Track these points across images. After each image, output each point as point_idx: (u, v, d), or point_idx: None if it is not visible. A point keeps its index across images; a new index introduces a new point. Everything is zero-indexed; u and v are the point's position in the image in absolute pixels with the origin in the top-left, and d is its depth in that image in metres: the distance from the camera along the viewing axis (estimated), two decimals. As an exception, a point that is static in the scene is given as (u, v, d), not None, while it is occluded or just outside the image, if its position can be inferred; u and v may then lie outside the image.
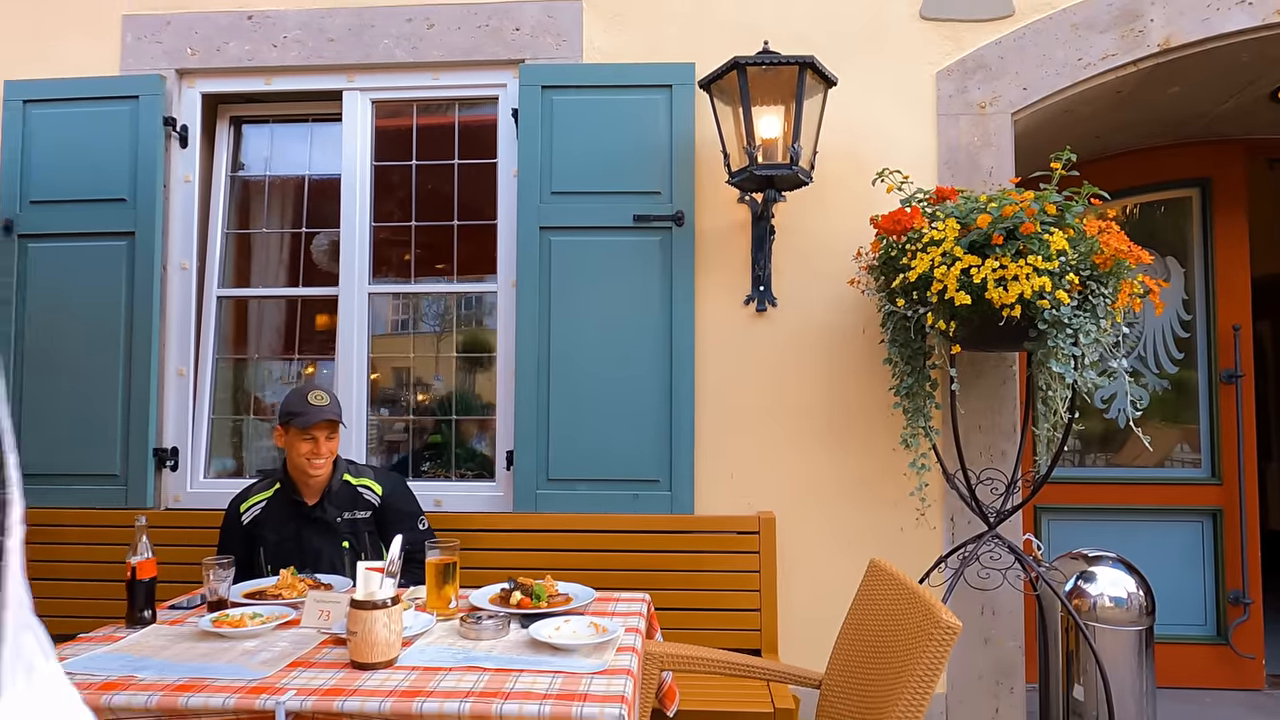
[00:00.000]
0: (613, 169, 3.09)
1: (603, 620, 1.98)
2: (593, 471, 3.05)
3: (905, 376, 2.75)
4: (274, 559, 2.52)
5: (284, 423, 2.48)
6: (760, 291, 3.08)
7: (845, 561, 3.03)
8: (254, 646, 1.83)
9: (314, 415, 2.43)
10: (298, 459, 2.47)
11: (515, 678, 1.64)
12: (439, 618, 2.03)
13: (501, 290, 3.22)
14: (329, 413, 2.44)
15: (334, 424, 2.47)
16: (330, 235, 3.53)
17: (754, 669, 2.15)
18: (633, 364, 3.05)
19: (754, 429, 3.08)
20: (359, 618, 1.68)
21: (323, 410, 2.44)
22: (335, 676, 1.65)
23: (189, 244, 3.30)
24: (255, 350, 3.59)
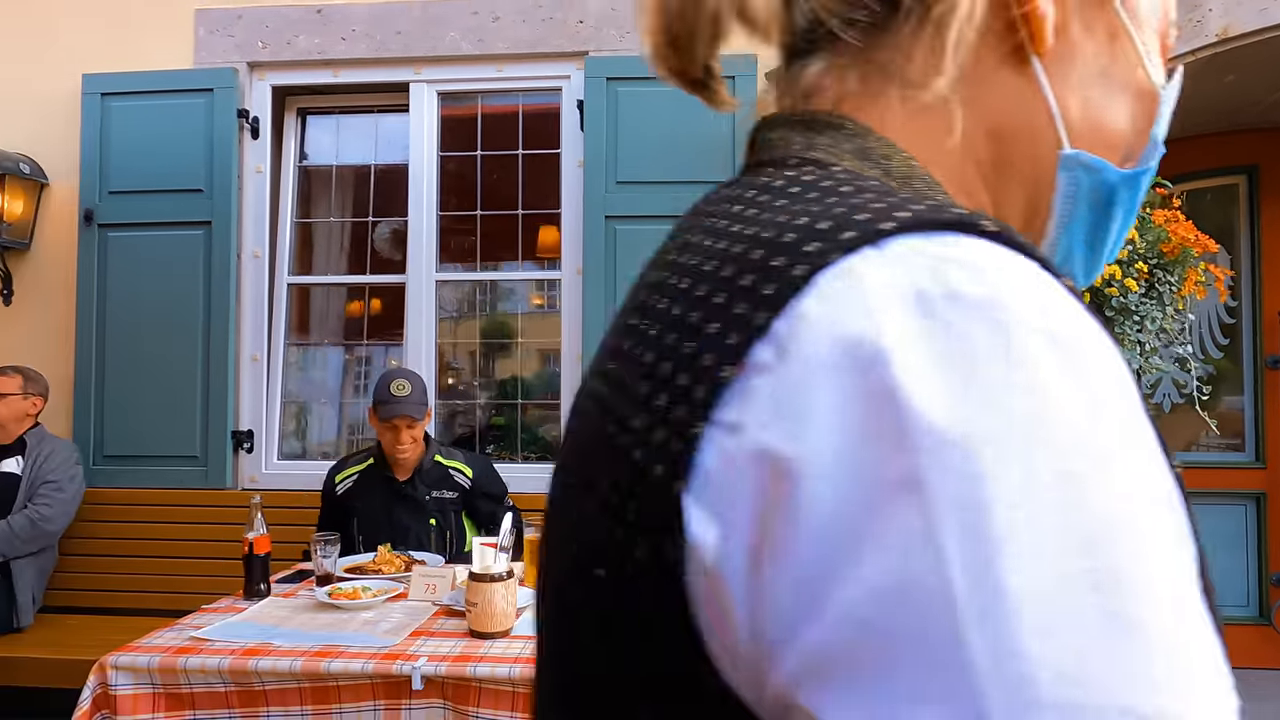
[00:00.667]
0: (676, 159, 3.16)
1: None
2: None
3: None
4: (363, 530, 2.63)
5: (372, 406, 2.58)
6: (821, 279, 3.15)
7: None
8: (372, 617, 1.94)
9: (393, 408, 2.53)
10: (385, 445, 2.58)
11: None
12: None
13: (565, 278, 3.31)
14: (404, 409, 2.52)
15: (412, 418, 2.55)
16: (391, 224, 3.63)
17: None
18: (696, 349, 3.13)
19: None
20: (478, 590, 1.79)
21: (400, 405, 2.53)
22: (459, 645, 1.75)
23: (261, 233, 3.40)
24: (318, 336, 3.70)
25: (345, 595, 2.02)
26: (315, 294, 3.70)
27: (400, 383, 2.57)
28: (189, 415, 3.28)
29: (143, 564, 3.21)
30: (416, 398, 2.57)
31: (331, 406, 3.67)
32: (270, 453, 3.41)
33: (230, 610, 2.01)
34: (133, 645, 1.75)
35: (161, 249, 3.31)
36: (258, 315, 3.40)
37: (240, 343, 3.36)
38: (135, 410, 3.29)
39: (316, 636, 1.79)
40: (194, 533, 3.22)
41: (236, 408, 3.34)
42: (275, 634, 1.81)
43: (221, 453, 3.27)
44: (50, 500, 2.95)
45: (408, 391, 2.56)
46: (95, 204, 3.33)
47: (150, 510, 3.25)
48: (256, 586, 2.09)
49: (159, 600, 3.17)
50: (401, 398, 2.54)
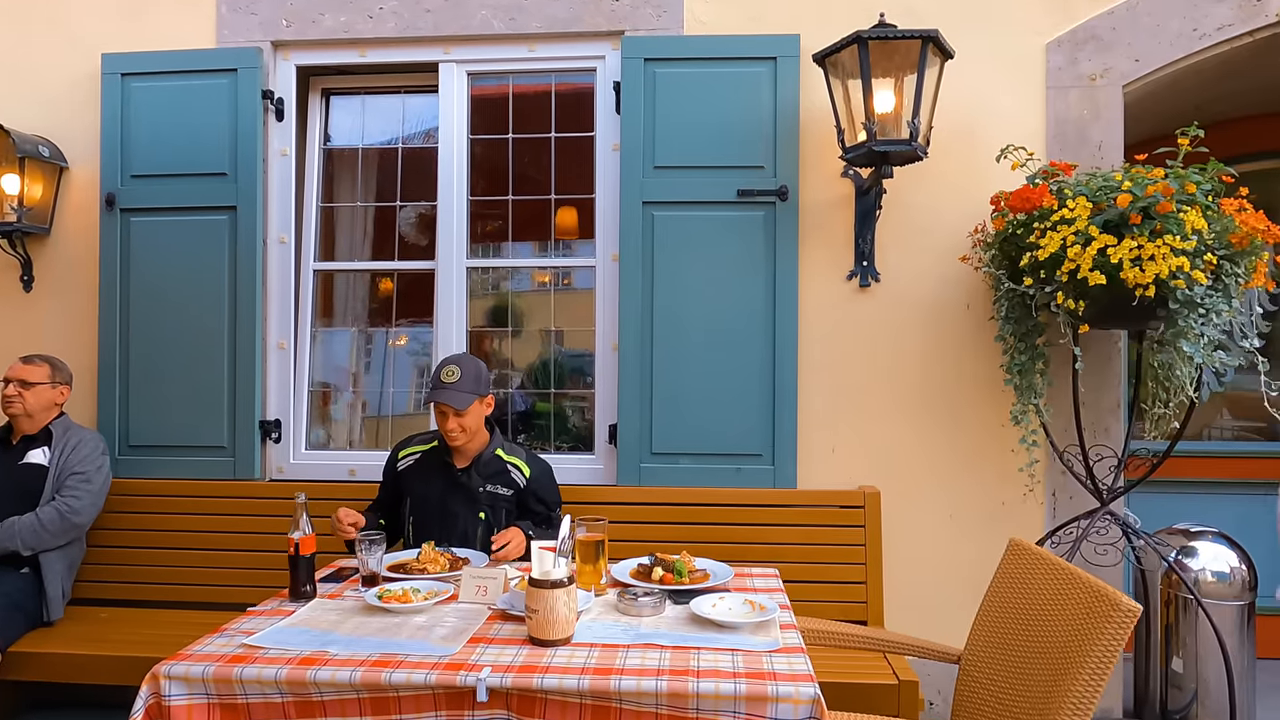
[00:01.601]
0: (716, 143, 3.07)
1: (751, 596, 2.03)
2: (695, 445, 3.08)
3: (1018, 354, 2.76)
4: (414, 512, 2.59)
5: (425, 396, 2.53)
6: (863, 267, 3.07)
7: (946, 535, 3.06)
8: (425, 622, 1.88)
9: (434, 394, 2.47)
10: (440, 428, 2.53)
11: (696, 655, 1.69)
12: (594, 593, 2.08)
13: (600, 264, 3.23)
14: (444, 396, 2.45)
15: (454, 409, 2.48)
16: (418, 208, 3.54)
17: (895, 644, 2.19)
18: (735, 339, 3.06)
19: (855, 404, 3.10)
20: (540, 596, 1.73)
21: (441, 391, 2.46)
22: (521, 653, 1.70)
23: (287, 218, 3.32)
24: (344, 323, 3.62)
25: (395, 598, 1.96)
26: (338, 280, 3.62)
27: (450, 368, 2.50)
28: (216, 405, 3.22)
29: (172, 556, 3.16)
30: (465, 385, 2.48)
31: (359, 395, 3.61)
32: (298, 442, 3.35)
33: (277, 614, 1.95)
34: (185, 654, 1.69)
35: (185, 234, 3.23)
36: (284, 302, 3.32)
37: (267, 330, 3.29)
38: (161, 399, 3.22)
39: (372, 644, 1.73)
40: (222, 524, 3.16)
41: (264, 397, 3.28)
42: (331, 641, 1.75)
43: (249, 443, 3.21)
44: (79, 492, 2.89)
45: (456, 378, 2.48)
46: (117, 188, 3.25)
47: (178, 502, 3.19)
48: (303, 588, 2.03)
49: (189, 593, 3.13)
50: (447, 384, 2.47)
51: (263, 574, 3.09)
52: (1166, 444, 2.76)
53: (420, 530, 2.57)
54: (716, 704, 1.54)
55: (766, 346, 3.05)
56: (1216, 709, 2.90)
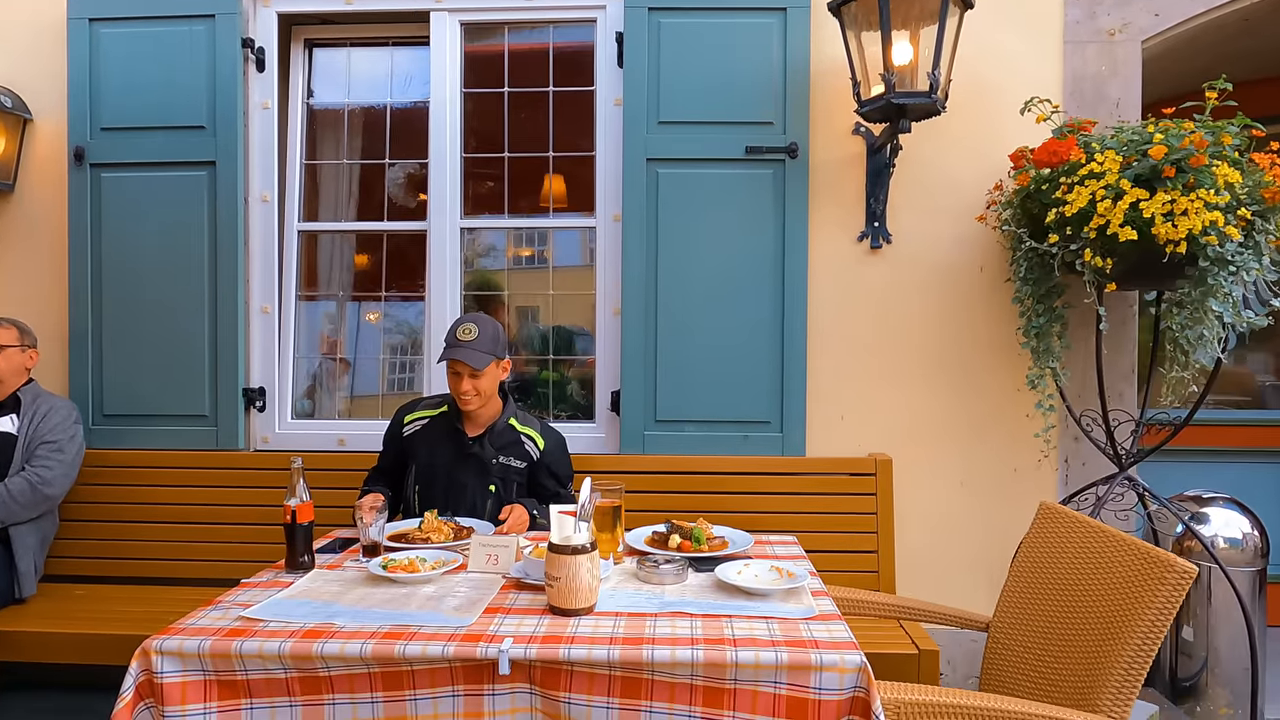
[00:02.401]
0: (723, 98, 2.94)
1: (777, 563, 1.93)
2: (702, 413, 2.98)
3: (1036, 316, 2.68)
4: (420, 480, 2.45)
5: (440, 355, 2.39)
6: (874, 228, 2.97)
7: (958, 502, 3.00)
8: (434, 592, 1.76)
9: (451, 350, 2.34)
10: (451, 391, 2.41)
11: (729, 624, 1.59)
12: (612, 561, 1.97)
13: (601, 225, 3.10)
14: (460, 354, 2.32)
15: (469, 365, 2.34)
16: (407, 167, 3.38)
17: (923, 612, 2.12)
18: (743, 302, 2.95)
19: (865, 369, 3.01)
20: (561, 563, 1.61)
21: (458, 349, 2.32)
22: (543, 623, 1.59)
23: (269, 175, 3.14)
24: (328, 287, 3.46)
25: (401, 567, 1.84)
26: (323, 242, 3.45)
27: (467, 326, 2.37)
28: (196, 372, 3.05)
29: (150, 530, 3.00)
30: (483, 344, 2.34)
31: (347, 361, 3.45)
32: (283, 411, 3.19)
33: (274, 585, 1.82)
34: (177, 627, 1.56)
35: (161, 191, 3.05)
36: (267, 264, 3.16)
37: (250, 294, 3.13)
38: (137, 366, 3.05)
39: (378, 615, 1.61)
40: (204, 496, 3.01)
41: (247, 363, 3.12)
42: (335, 613, 1.63)
43: (232, 412, 3.06)
44: (50, 462, 2.73)
45: (473, 336, 2.34)
46: (86, 141, 3.05)
47: (157, 473, 3.03)
48: (300, 558, 1.90)
49: (169, 568, 2.99)
50: (464, 342, 2.33)
51: (247, 548, 2.96)
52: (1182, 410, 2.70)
53: (426, 500, 2.44)
54: (756, 674, 1.45)
55: (775, 310, 2.95)
56: (1226, 677, 2.87)
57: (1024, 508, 2.96)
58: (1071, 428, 2.90)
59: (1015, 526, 2.95)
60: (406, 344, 3.38)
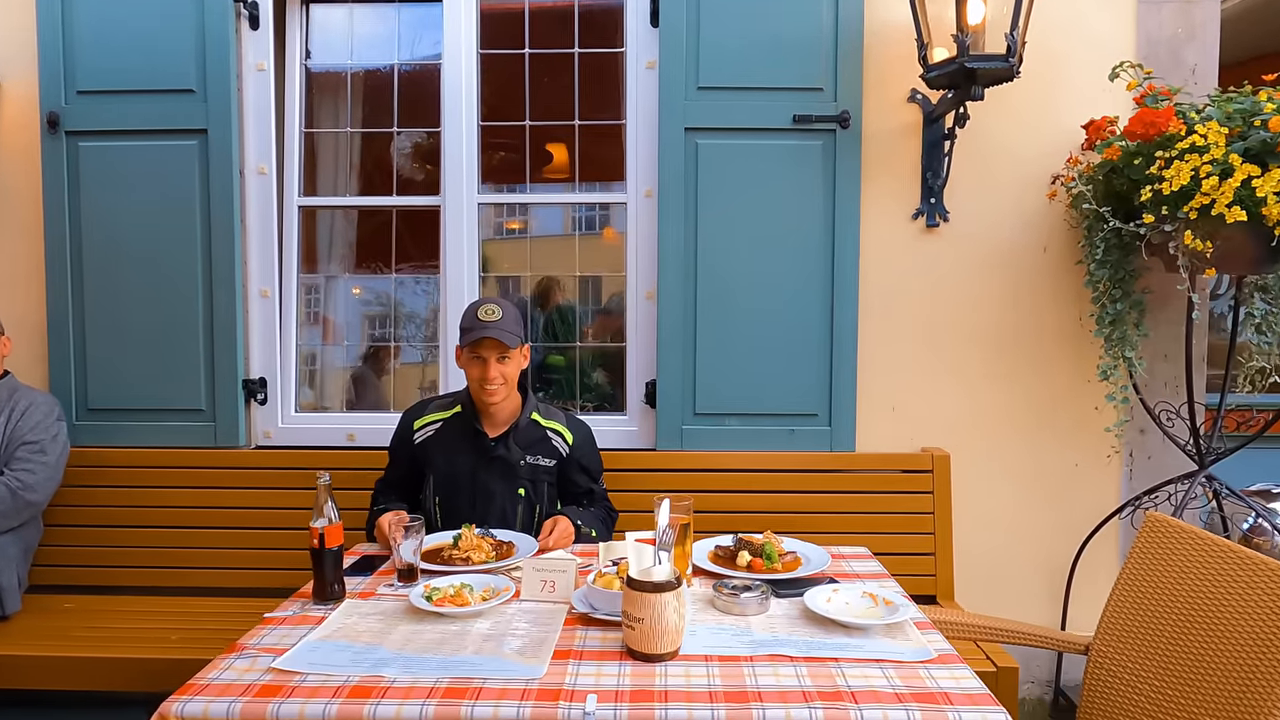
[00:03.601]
0: (769, 60, 2.69)
1: (867, 586, 1.73)
2: (744, 405, 2.76)
3: (1112, 302, 2.48)
4: (440, 491, 2.22)
5: (459, 340, 2.15)
6: (930, 204, 2.75)
7: (1015, 499, 2.82)
8: (490, 629, 1.54)
9: (477, 331, 2.10)
10: (471, 381, 2.18)
11: (838, 670, 1.38)
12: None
13: (632, 201, 2.85)
14: (494, 330, 2.09)
15: (502, 345, 2.12)
16: (415, 135, 3.10)
17: (1015, 633, 1.93)
18: (790, 285, 2.73)
19: (917, 357, 2.80)
20: (644, 602, 1.40)
21: (488, 327, 2.10)
22: (625, 672, 1.37)
23: (266, 145, 2.85)
24: (329, 267, 3.18)
25: (448, 599, 1.62)
26: (322, 218, 3.17)
27: (490, 307, 2.14)
28: (190, 362, 2.79)
29: (144, 535, 2.76)
30: (508, 325, 2.12)
31: (354, 349, 3.19)
32: (286, 404, 2.94)
33: (303, 621, 1.59)
34: (199, 683, 1.33)
35: (146, 162, 2.75)
36: (265, 243, 2.88)
37: (247, 276, 2.85)
38: (124, 356, 2.78)
39: (435, 663, 1.39)
40: (203, 498, 2.77)
41: (246, 352, 2.85)
42: (382, 660, 1.40)
43: (231, 405, 2.80)
44: (32, 465, 2.47)
45: (498, 316, 2.12)
46: (60, 106, 2.74)
47: (149, 473, 2.78)
48: (330, 588, 1.67)
49: (166, 577, 2.74)
50: (490, 322, 2.11)
51: (251, 554, 2.73)
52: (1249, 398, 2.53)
53: (449, 512, 2.21)
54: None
55: (824, 293, 2.73)
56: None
57: (1085, 505, 2.78)
58: (1137, 420, 2.72)
59: (1076, 526, 2.77)
60: (422, 329, 3.12)
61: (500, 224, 3.13)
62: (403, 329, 3.13)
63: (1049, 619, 2.83)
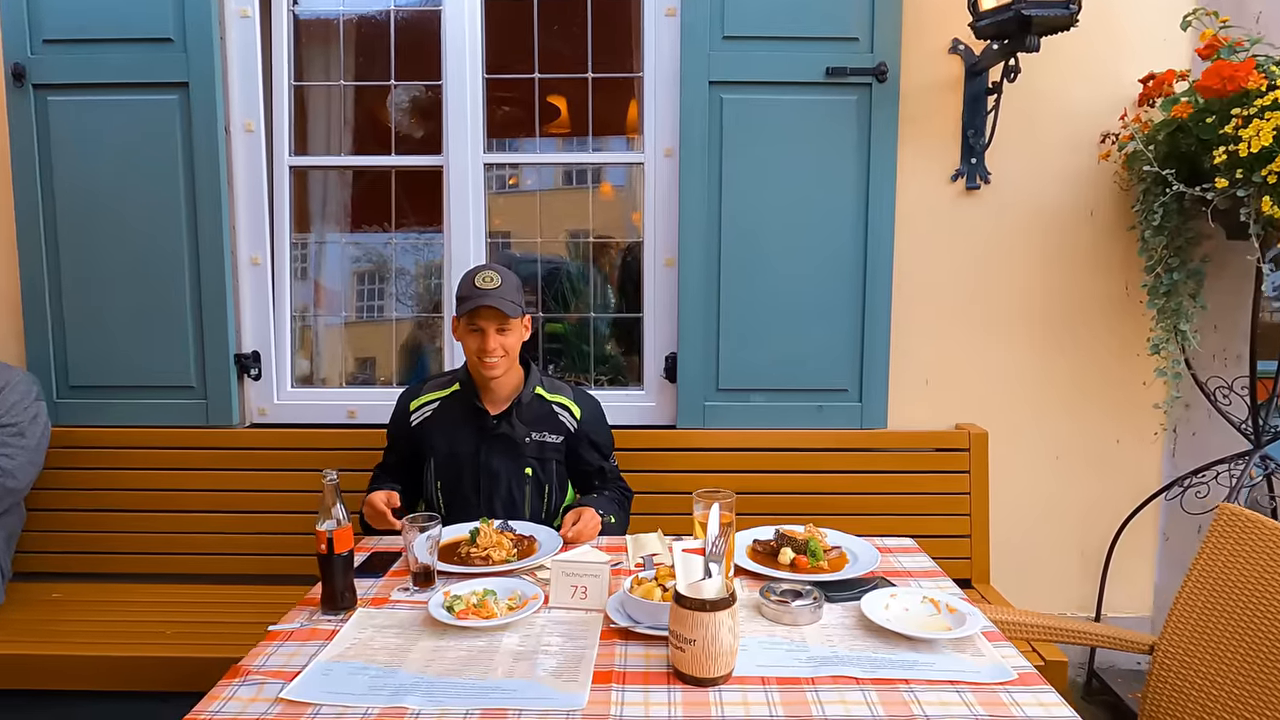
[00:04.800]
0: (801, 8, 2.47)
1: (925, 589, 1.60)
2: (771, 380, 2.61)
3: (1167, 271, 2.32)
4: (442, 474, 2.07)
5: (456, 309, 1.99)
6: (971, 165, 2.57)
7: (1052, 477, 2.69)
8: (521, 645, 1.40)
9: (474, 300, 1.94)
10: (469, 353, 2.02)
11: (909, 694, 1.25)
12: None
13: (650, 160, 2.65)
14: (492, 298, 1.93)
15: (501, 315, 1.95)
16: (413, 89, 2.88)
17: (1075, 633, 1.80)
18: (820, 251, 2.55)
19: (953, 328, 2.65)
20: (695, 622, 1.25)
21: (486, 295, 1.94)
22: (675, 700, 1.23)
23: (252, 99, 2.63)
24: (323, 231, 2.98)
25: (472, 610, 1.47)
26: (314, 179, 2.95)
27: (488, 274, 1.97)
28: (178, 335, 2.60)
29: (132, 520, 2.61)
30: (507, 293, 1.96)
31: (352, 319, 3.00)
32: (282, 379, 2.76)
33: (312, 636, 1.44)
34: (201, 717, 1.18)
35: (123, 119, 2.54)
36: (255, 206, 2.67)
37: (236, 242, 2.66)
38: (107, 329, 2.60)
39: (462, 688, 1.25)
40: (194, 481, 2.61)
41: (238, 324, 2.67)
42: (403, 686, 1.26)
43: (223, 381, 2.62)
44: (10, 449, 2.30)
45: (496, 284, 1.96)
46: (26, 57, 2.51)
47: (137, 455, 2.62)
48: (341, 596, 1.52)
49: (156, 563, 2.60)
50: (488, 290, 1.94)
51: (247, 540, 2.59)
52: None
53: (453, 498, 2.06)
54: (974, 778, 1.11)
55: (856, 260, 2.55)
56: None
57: (1125, 484, 2.66)
58: (1184, 395, 2.58)
59: (1114, 505, 2.66)
60: (424, 296, 2.94)
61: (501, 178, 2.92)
62: (404, 295, 2.94)
63: (1083, 601, 2.73)
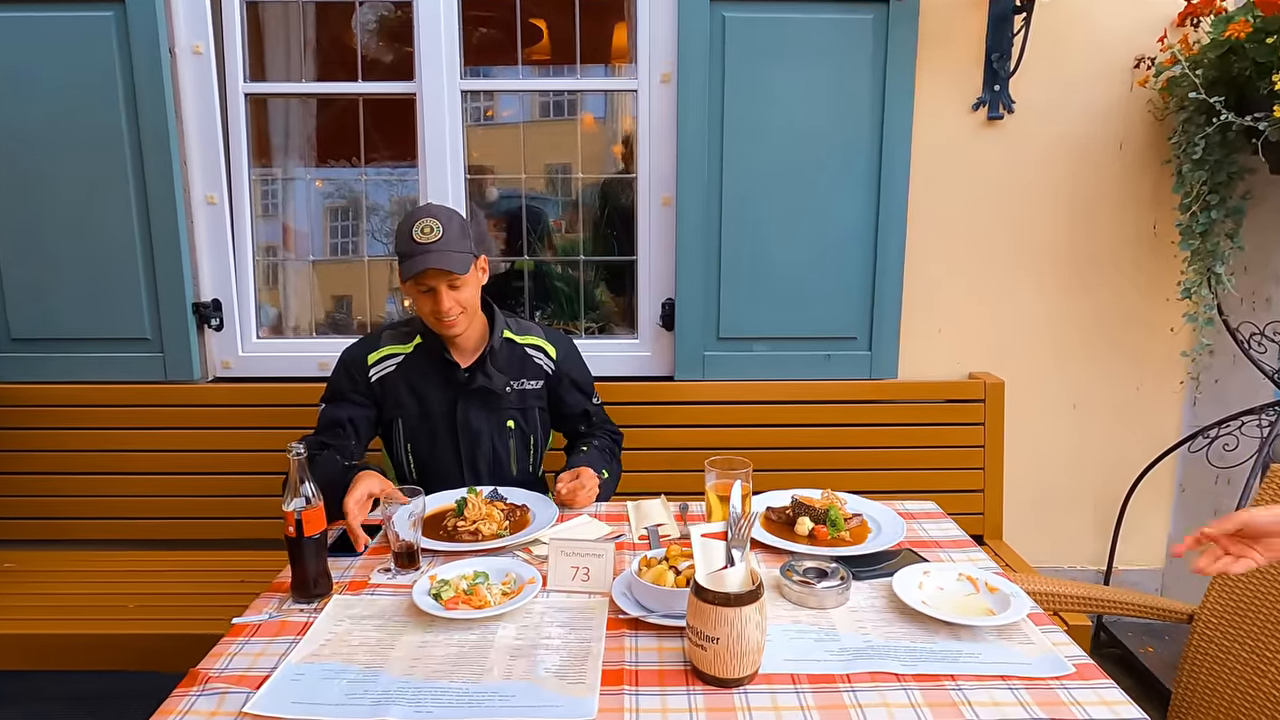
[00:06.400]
0: (813, -87, 2.23)
1: (951, 561, 1.46)
2: (775, 328, 2.44)
3: (1205, 209, 2.15)
4: (413, 437, 1.87)
5: (400, 271, 1.75)
6: (995, 92, 2.36)
7: (1069, 426, 2.57)
8: (517, 639, 1.24)
9: (417, 262, 1.68)
10: (423, 314, 1.79)
11: (957, 691, 1.11)
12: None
13: (644, 88, 2.41)
14: (435, 256, 1.68)
15: (449, 273, 1.71)
16: (381, 6, 2.60)
17: (1112, 603, 1.69)
18: (830, 187, 2.36)
19: (970, 271, 2.48)
20: (720, 619, 1.10)
21: (429, 251, 1.68)
22: (697, 705, 1.09)
23: (200, 18, 2.36)
24: (286, 167, 2.73)
25: (462, 598, 1.31)
26: (274, 109, 2.69)
27: (426, 224, 1.70)
28: (128, 282, 2.38)
29: (86, 483, 2.43)
30: (452, 242, 1.71)
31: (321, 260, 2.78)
32: (246, 329, 2.55)
33: (281, 630, 1.28)
34: (148, 742, 1.02)
35: (52, 39, 2.26)
36: (208, 139, 2.42)
37: (189, 179, 2.41)
38: (49, 278, 2.37)
39: (454, 694, 1.10)
40: (152, 440, 2.43)
41: (194, 270, 2.44)
42: (387, 691, 1.10)
43: (181, 333, 2.41)
44: (-56, 411, 2.09)
45: (437, 235, 1.70)
46: (-64, -34, 2.22)
47: (89, 413, 2.42)
48: (313, 584, 1.36)
49: (112, 529, 2.44)
50: (428, 244, 1.69)
51: (211, 503, 2.42)
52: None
53: (425, 463, 1.88)
54: (1039, 794, 0.98)
55: (868, 196, 2.36)
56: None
57: (1143, 433, 2.54)
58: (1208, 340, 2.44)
59: (1131, 456, 2.54)
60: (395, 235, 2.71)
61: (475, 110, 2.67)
62: (378, 232, 2.71)
63: (1094, 555, 2.64)
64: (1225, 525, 1.14)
